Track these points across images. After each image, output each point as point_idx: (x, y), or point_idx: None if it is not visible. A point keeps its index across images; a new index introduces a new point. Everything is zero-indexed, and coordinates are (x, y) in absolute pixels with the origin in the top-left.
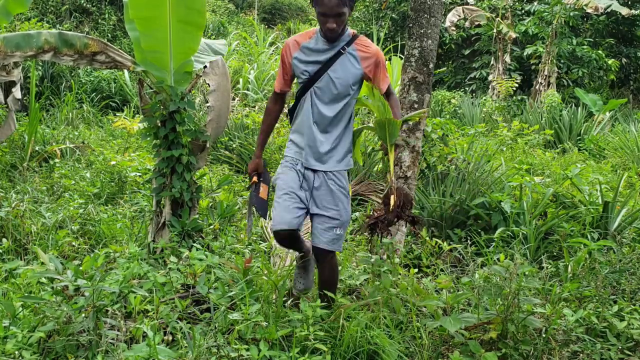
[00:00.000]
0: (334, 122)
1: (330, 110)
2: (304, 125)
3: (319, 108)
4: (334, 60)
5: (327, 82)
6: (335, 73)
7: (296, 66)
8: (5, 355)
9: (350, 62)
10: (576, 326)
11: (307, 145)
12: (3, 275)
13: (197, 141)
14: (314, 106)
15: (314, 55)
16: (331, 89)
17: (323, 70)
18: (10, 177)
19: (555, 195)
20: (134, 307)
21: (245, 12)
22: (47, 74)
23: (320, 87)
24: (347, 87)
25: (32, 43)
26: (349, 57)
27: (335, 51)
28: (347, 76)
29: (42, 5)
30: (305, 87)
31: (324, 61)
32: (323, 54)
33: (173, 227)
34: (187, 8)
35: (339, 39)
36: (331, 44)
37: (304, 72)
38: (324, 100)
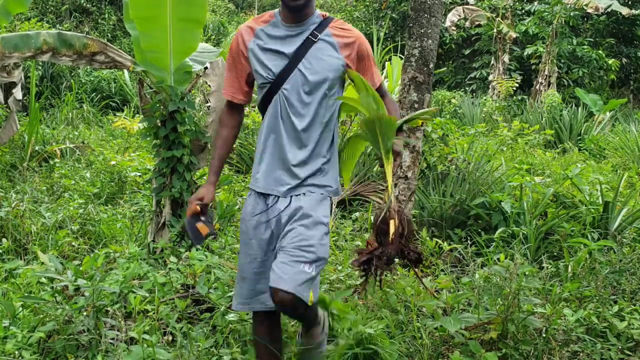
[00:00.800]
0: (311, 133)
1: (305, 118)
2: (273, 144)
3: (290, 117)
4: (304, 49)
5: (298, 81)
6: (307, 66)
7: (255, 60)
8: (5, 355)
9: (325, 50)
10: (576, 326)
11: (279, 170)
12: (3, 275)
13: (198, 141)
14: (284, 115)
15: (276, 44)
16: (304, 88)
17: (292, 65)
18: (10, 177)
19: (555, 195)
20: (134, 307)
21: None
22: (47, 74)
23: (288, 88)
24: (324, 84)
25: (31, 44)
26: (323, 44)
27: (304, 37)
28: (324, 69)
29: (42, 5)
30: (270, 92)
31: (290, 52)
32: (287, 42)
33: (173, 227)
34: (188, 5)
35: (305, 19)
36: (296, 24)
37: (267, 69)
38: (295, 106)
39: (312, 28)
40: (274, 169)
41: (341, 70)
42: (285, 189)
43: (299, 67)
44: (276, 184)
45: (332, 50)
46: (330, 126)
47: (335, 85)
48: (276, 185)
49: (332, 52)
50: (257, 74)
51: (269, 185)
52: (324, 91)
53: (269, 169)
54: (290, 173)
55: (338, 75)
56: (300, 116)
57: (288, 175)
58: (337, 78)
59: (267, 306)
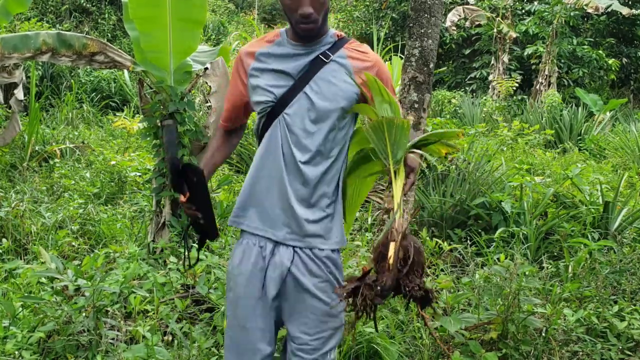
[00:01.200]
0: (314, 168)
1: (308, 151)
2: (269, 176)
3: (290, 147)
4: (312, 69)
5: (303, 106)
6: (315, 90)
7: (254, 83)
8: (5, 355)
9: (337, 73)
10: (576, 326)
11: (278, 209)
12: (3, 275)
13: (198, 141)
14: (284, 143)
15: (279, 62)
16: (309, 115)
17: (297, 87)
18: (10, 177)
19: (555, 195)
20: (134, 307)
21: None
22: (47, 74)
23: (291, 114)
24: (334, 113)
25: (30, 44)
26: (336, 66)
27: (313, 56)
28: (335, 95)
29: (42, 5)
30: (270, 117)
31: (296, 72)
32: (293, 60)
33: (173, 227)
34: (188, 5)
35: (318, 39)
36: (306, 45)
37: (267, 92)
38: (297, 134)
39: (325, 49)
40: (270, 206)
41: (354, 99)
42: (284, 233)
43: (306, 91)
44: (273, 225)
45: (345, 74)
46: (337, 165)
47: (347, 117)
48: (273, 226)
49: (345, 77)
50: (255, 103)
51: (264, 224)
52: (332, 121)
53: (263, 204)
54: (290, 212)
55: (350, 104)
56: (302, 147)
57: (288, 215)
58: (349, 107)
59: None
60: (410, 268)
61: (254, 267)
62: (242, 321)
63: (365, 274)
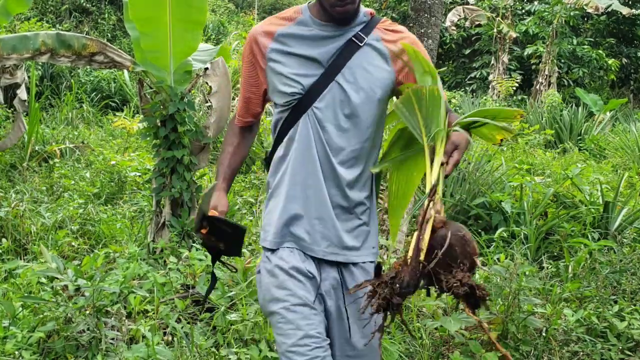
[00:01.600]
0: (351, 170)
1: (343, 150)
2: (302, 183)
3: (325, 147)
4: (345, 55)
5: (335, 98)
6: (349, 80)
7: (275, 74)
8: (5, 355)
9: (372, 59)
10: (576, 326)
11: (312, 218)
12: (3, 275)
13: (198, 142)
14: (317, 142)
15: (305, 47)
16: (343, 109)
17: (328, 76)
18: (10, 177)
19: (555, 195)
20: (134, 307)
21: (245, 11)
22: (46, 74)
23: (322, 107)
24: (371, 105)
25: (29, 45)
26: (371, 51)
27: (345, 39)
28: (371, 85)
29: (42, 5)
30: (296, 111)
31: (326, 59)
32: (322, 45)
33: (173, 227)
34: (188, 6)
35: (351, 19)
36: (338, 27)
37: (292, 81)
38: (330, 132)
39: (357, 30)
40: (308, 216)
41: (390, 88)
42: (325, 248)
43: (338, 80)
44: (313, 239)
45: (381, 60)
46: (371, 162)
47: (383, 104)
48: (314, 240)
49: (381, 63)
50: (278, 93)
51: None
52: (368, 115)
53: (302, 215)
54: (330, 223)
55: (387, 95)
56: (336, 147)
57: (328, 225)
58: (385, 99)
59: None
60: (447, 260)
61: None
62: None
63: (378, 270)
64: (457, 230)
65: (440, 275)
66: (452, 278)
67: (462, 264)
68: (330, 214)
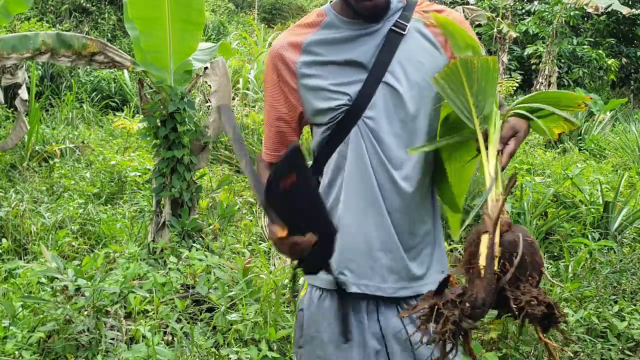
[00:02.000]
0: (415, 184)
1: (407, 162)
2: (361, 211)
3: (384, 162)
4: (388, 50)
5: (388, 103)
6: (399, 78)
7: (311, 84)
8: (5, 355)
9: (421, 48)
10: (577, 326)
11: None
12: (3, 275)
13: (198, 141)
14: (375, 160)
15: (341, 50)
16: (398, 113)
17: (373, 78)
18: (10, 177)
19: (555, 195)
20: (134, 308)
21: (245, 11)
22: (47, 74)
23: (374, 116)
24: (428, 102)
25: (29, 45)
26: (416, 38)
27: (384, 33)
28: (426, 77)
29: (42, 4)
30: (341, 127)
31: (368, 58)
32: (359, 44)
33: (173, 227)
34: (187, 7)
35: (386, 11)
36: (368, 22)
37: (335, 93)
38: (387, 143)
39: (395, 19)
40: (368, 249)
41: None
42: (392, 284)
43: (386, 80)
44: (374, 275)
45: (430, 47)
46: (430, 166)
47: (437, 98)
48: (373, 277)
49: (432, 50)
50: (318, 112)
51: (363, 277)
52: (427, 114)
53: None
54: (397, 254)
55: None
56: (396, 160)
57: (395, 257)
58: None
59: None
60: (520, 272)
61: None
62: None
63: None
64: (525, 235)
65: (506, 292)
66: (523, 295)
67: (531, 277)
68: (396, 242)
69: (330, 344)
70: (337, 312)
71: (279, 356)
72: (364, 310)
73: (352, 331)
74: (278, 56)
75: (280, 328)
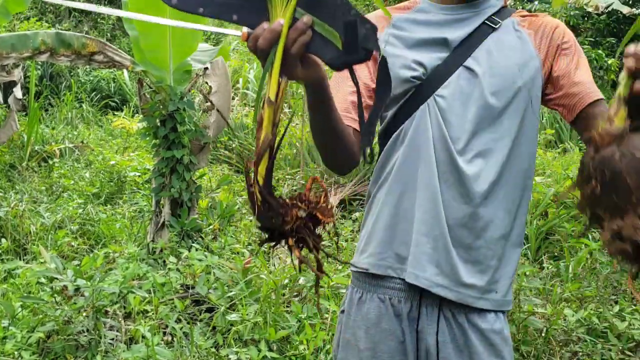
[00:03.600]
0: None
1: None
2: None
3: (449, 145)
4: (477, 37)
5: (465, 86)
6: (482, 64)
7: (391, 52)
8: (4, 355)
9: (511, 42)
10: (577, 326)
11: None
12: (2, 275)
13: (198, 141)
14: (439, 141)
15: (429, 30)
16: (475, 99)
17: (455, 58)
18: (9, 177)
19: (556, 195)
20: (134, 308)
21: None
22: (46, 74)
23: (447, 96)
24: (509, 94)
25: (29, 44)
26: (507, 33)
27: (477, 22)
28: (510, 71)
29: (41, 4)
30: (412, 102)
31: (455, 38)
32: (450, 27)
33: (172, 227)
34: None
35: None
36: (465, 8)
37: (413, 63)
38: (460, 127)
39: (490, 12)
40: (414, 232)
41: (536, 76)
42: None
43: (467, 64)
44: (415, 262)
45: (521, 43)
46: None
47: (530, 91)
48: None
49: (523, 46)
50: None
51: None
52: (506, 105)
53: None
54: (442, 243)
55: (531, 84)
56: (464, 145)
57: (439, 246)
58: (531, 90)
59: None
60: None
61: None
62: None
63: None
64: (634, 150)
65: (604, 222)
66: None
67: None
68: (446, 233)
69: (366, 352)
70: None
71: (279, 356)
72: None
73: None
74: None
75: (280, 328)
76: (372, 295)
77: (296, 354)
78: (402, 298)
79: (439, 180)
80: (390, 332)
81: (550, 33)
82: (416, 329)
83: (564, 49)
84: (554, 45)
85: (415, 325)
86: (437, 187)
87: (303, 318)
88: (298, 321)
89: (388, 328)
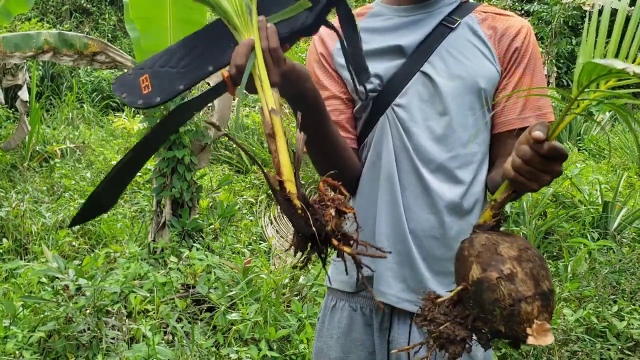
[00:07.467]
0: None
1: (440, 161)
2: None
3: (411, 156)
4: (433, 40)
5: (423, 93)
6: (439, 68)
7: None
8: (5, 355)
9: (470, 43)
10: (576, 326)
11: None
12: (4, 275)
13: (199, 141)
14: (401, 153)
15: (382, 38)
16: (434, 106)
17: (411, 64)
18: (11, 177)
19: (555, 195)
20: (135, 307)
21: None
22: (47, 74)
23: (405, 104)
24: (470, 98)
25: (32, 43)
26: (466, 33)
27: (433, 23)
28: (470, 74)
29: (43, 5)
30: (372, 114)
31: (410, 44)
32: (404, 31)
33: (173, 227)
34: (187, 7)
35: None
36: (420, 9)
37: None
38: (421, 137)
39: (447, 11)
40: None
41: (496, 80)
42: (398, 292)
43: (424, 70)
44: (388, 287)
45: (481, 44)
46: (481, 174)
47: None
48: (387, 287)
49: (482, 47)
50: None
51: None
52: (468, 111)
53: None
54: (407, 257)
55: (491, 88)
56: (427, 155)
57: (403, 261)
58: (490, 93)
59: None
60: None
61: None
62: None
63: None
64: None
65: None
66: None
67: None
68: (411, 246)
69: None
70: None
71: (279, 355)
72: (379, 318)
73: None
74: (318, 39)
75: (280, 328)
76: (345, 304)
77: (296, 353)
78: (373, 307)
79: (403, 192)
80: (360, 341)
81: (511, 37)
82: (388, 339)
83: (517, 58)
84: (510, 50)
85: (387, 336)
86: (398, 200)
87: (303, 317)
88: (298, 320)
89: (358, 337)
